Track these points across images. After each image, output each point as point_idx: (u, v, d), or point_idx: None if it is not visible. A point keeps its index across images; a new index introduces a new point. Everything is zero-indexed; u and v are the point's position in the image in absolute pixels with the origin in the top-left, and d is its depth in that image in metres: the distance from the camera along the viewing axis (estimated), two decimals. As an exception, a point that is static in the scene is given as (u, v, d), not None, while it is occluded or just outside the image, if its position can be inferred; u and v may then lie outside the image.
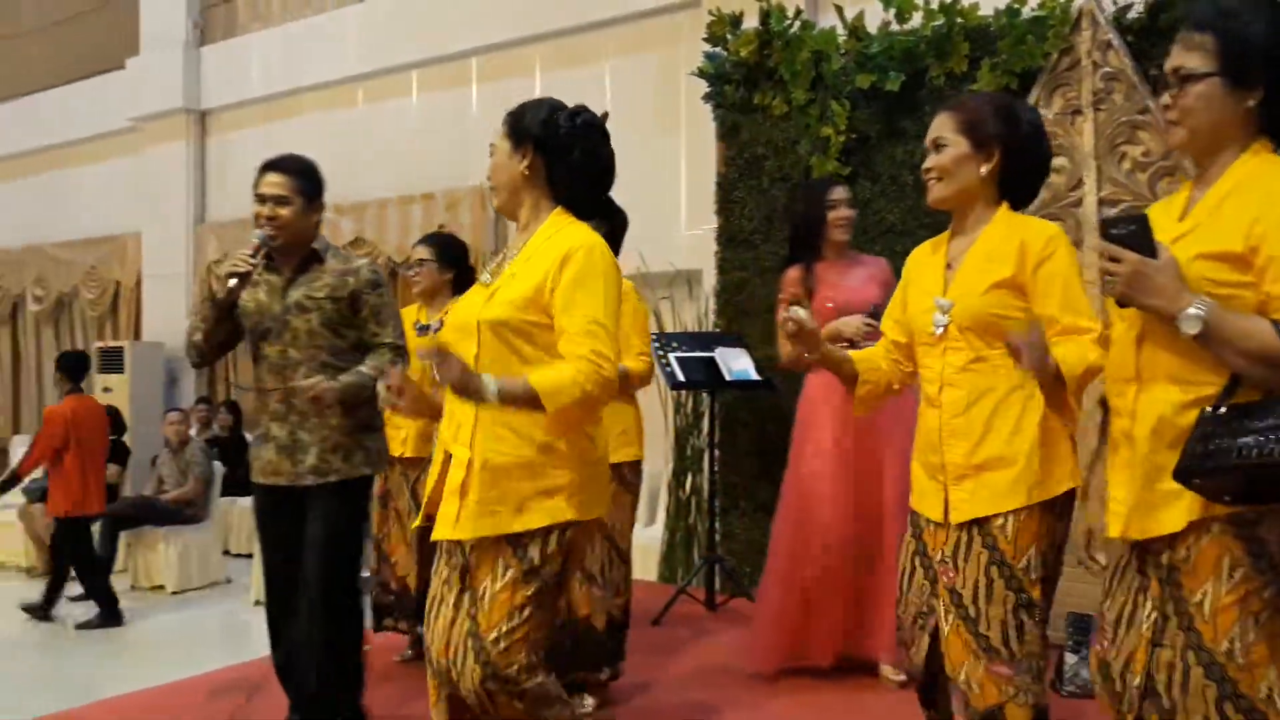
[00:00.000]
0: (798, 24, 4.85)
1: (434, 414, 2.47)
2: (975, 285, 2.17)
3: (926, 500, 2.25)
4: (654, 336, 4.27)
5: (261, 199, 3.09)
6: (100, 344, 9.59)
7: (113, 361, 9.21)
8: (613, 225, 3.26)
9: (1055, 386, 2.04)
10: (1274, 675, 1.68)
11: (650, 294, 5.46)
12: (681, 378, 4.53)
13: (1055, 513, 2.15)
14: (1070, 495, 2.18)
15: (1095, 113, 4.05)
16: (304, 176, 3.13)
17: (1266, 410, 1.61)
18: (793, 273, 3.69)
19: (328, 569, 3.10)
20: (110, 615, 5.94)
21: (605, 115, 2.30)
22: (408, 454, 3.98)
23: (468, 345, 2.16)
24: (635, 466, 3.49)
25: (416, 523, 2.42)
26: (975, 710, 2.12)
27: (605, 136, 2.30)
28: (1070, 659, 3.56)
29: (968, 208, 2.27)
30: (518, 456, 2.11)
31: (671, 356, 4.53)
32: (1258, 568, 1.68)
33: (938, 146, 2.25)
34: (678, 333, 5.24)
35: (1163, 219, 1.80)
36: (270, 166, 3.14)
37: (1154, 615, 1.78)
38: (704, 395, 5.21)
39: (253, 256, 3.01)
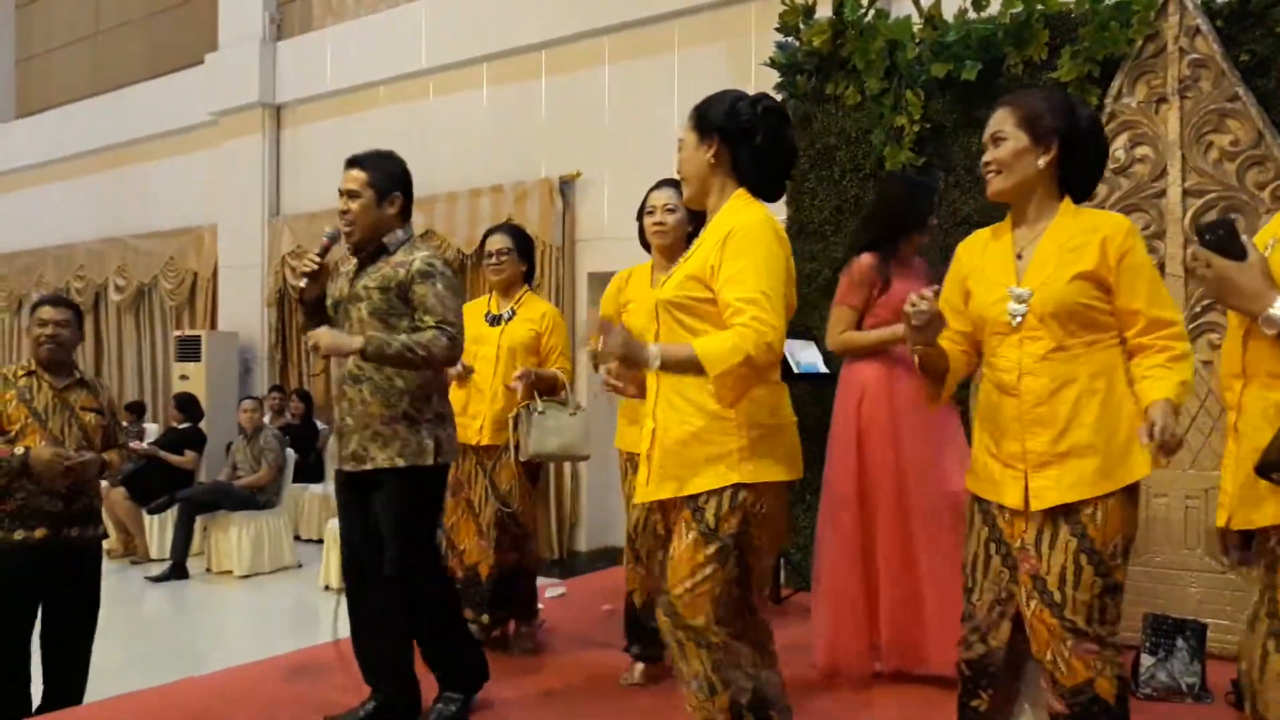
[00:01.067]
0: (872, 13, 4.77)
1: (642, 391, 2.50)
2: (1057, 275, 2.19)
3: (1003, 489, 2.26)
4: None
5: (340, 193, 3.15)
6: (178, 333, 9.85)
7: (190, 350, 9.45)
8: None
9: None
10: None
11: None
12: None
13: (1135, 499, 2.21)
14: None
15: (1181, 100, 3.93)
16: (377, 170, 3.14)
17: None
18: (867, 259, 3.49)
19: (391, 556, 3.08)
20: None
21: (784, 100, 2.39)
22: (484, 442, 3.85)
23: (649, 326, 2.36)
24: None
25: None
26: (1064, 687, 2.16)
27: (786, 120, 2.40)
28: (1146, 660, 3.47)
29: (1027, 200, 2.30)
30: (690, 425, 2.24)
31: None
32: None
33: (996, 140, 2.29)
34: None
35: None
36: (350, 162, 3.18)
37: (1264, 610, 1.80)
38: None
39: (320, 255, 3.11)
